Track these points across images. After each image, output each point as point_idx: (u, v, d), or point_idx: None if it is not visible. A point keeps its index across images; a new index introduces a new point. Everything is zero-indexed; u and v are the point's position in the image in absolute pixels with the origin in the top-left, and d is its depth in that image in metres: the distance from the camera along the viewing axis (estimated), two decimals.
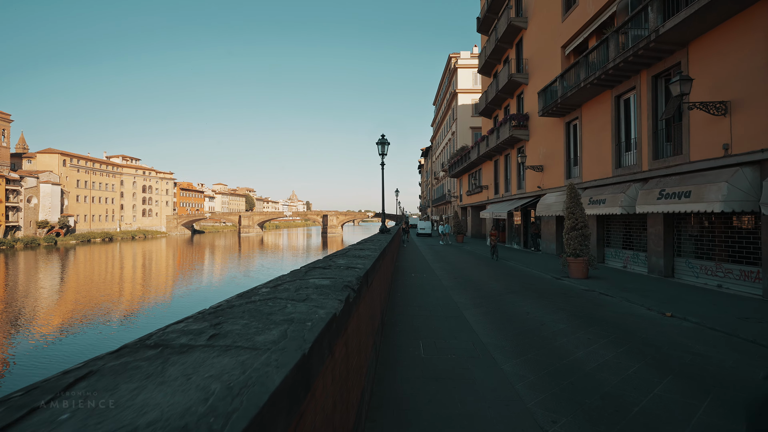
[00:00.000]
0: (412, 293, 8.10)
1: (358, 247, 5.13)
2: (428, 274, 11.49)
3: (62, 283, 27.49)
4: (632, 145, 12.22)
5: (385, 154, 11.61)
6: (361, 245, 5.47)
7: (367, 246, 5.92)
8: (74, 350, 12.56)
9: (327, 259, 4.09)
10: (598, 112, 13.87)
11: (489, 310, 7.12)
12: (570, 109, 15.66)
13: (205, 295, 22.62)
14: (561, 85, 14.95)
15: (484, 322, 6.23)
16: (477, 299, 8.12)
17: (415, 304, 7.38)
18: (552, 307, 7.44)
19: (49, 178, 72.51)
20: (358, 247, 5.56)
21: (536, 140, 20.01)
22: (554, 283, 10.67)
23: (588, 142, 14.72)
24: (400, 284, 9.35)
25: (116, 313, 18.10)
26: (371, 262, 3.66)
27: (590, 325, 6.12)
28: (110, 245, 67.77)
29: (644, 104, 11.25)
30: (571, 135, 16.49)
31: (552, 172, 18.10)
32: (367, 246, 5.90)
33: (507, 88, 22.87)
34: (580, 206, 11.22)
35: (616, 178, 12.62)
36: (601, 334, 5.68)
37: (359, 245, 5.51)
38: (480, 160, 29.43)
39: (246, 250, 56.23)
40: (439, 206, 57.31)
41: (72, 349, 12.76)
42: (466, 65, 43.35)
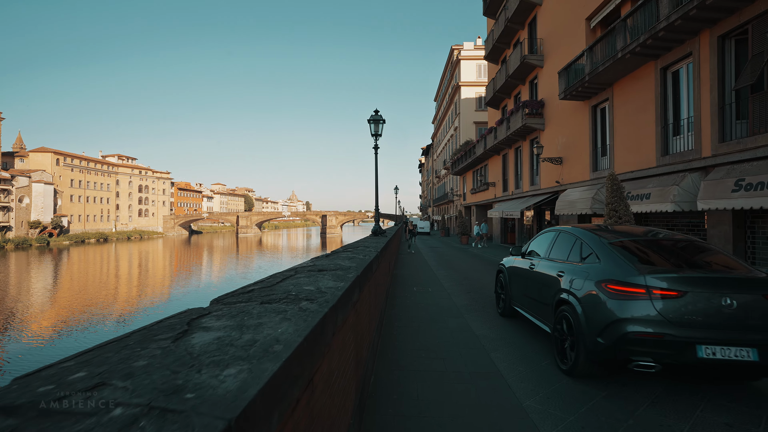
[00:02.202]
0: (414, 322, 5.76)
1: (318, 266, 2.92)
2: (434, 287, 9.25)
3: (53, 286, 26.45)
4: (685, 127, 9.96)
5: (379, 135, 9.40)
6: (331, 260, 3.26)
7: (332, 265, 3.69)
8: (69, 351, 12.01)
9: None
10: (636, 90, 11.61)
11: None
12: (598, 89, 13.39)
13: (201, 296, 21.86)
14: (589, 61, 12.69)
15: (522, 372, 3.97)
16: (502, 330, 5.89)
17: (419, 344, 4.71)
18: None
19: (42, 177, 70.70)
20: (315, 267, 3.39)
21: (554, 129, 17.76)
22: None
23: (622, 126, 12.46)
24: (399, 308, 7.06)
25: (108, 317, 17.41)
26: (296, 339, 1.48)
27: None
28: (105, 246, 66.18)
29: (705, 74, 8.98)
30: (599, 120, 14.23)
31: (574, 165, 15.84)
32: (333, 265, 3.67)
33: (518, 72, 20.61)
34: (625, 202, 8.97)
35: (663, 167, 10.36)
36: None
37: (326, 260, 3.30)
38: (487, 154, 27.18)
39: (242, 252, 54.30)
40: (441, 206, 55.09)
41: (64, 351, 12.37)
42: (470, 57, 41.13)
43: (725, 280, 3.46)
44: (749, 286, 3.42)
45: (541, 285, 4.85)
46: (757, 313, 3.29)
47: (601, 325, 3.56)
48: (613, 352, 3.48)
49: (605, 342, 3.50)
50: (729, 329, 3.27)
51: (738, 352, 3.21)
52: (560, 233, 5.04)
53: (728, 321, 3.28)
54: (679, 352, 3.28)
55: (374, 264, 3.66)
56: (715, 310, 3.29)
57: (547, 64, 18.46)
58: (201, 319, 1.27)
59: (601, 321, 3.57)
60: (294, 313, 1.40)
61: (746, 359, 3.18)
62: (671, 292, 3.35)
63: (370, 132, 9.45)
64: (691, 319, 3.29)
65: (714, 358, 3.21)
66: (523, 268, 5.50)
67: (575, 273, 4.17)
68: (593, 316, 3.67)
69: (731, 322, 3.28)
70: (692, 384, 3.74)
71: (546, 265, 4.86)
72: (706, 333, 3.25)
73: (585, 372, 3.80)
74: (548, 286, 4.60)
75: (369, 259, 3.42)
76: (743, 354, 3.20)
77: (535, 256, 5.33)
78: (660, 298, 3.37)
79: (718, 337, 3.24)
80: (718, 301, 3.30)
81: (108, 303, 20.72)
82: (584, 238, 4.42)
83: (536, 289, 4.99)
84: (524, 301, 5.44)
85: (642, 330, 3.34)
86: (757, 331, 3.25)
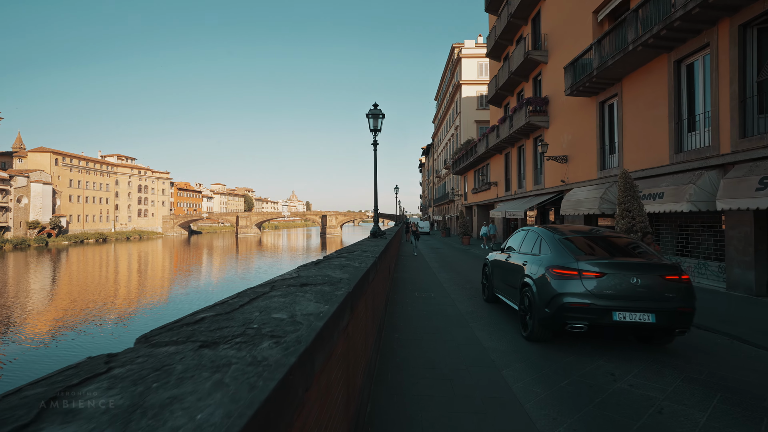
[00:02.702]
0: (417, 334, 5.20)
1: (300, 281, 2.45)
2: (437, 291, 8.75)
3: (49, 287, 26.20)
4: (701, 122, 9.45)
5: (378, 130, 8.86)
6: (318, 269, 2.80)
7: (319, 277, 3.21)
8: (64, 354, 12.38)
9: None
10: (647, 84, 11.11)
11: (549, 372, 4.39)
12: (606, 84, 12.89)
13: (198, 298, 21.81)
14: (597, 55, 12.18)
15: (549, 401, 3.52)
16: (514, 343, 5.40)
17: (423, 361, 4.17)
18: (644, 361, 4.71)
19: (41, 177, 70.34)
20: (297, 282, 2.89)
21: (559, 127, 17.25)
22: None
23: (631, 123, 11.96)
24: (399, 316, 6.51)
25: (107, 318, 17.24)
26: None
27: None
28: (104, 246, 65.89)
29: (724, 66, 8.48)
30: (606, 117, 13.72)
31: (580, 163, 15.34)
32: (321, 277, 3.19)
33: (522, 69, 20.10)
34: (639, 201, 8.47)
35: (676, 165, 9.86)
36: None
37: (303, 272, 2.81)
38: (488, 153, 26.68)
39: (241, 252, 53.83)
40: (442, 206, 54.55)
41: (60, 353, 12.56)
42: (471, 55, 40.63)
43: (634, 265, 4.66)
44: (651, 270, 4.61)
45: (513, 273, 6.04)
46: (656, 288, 4.52)
47: (548, 299, 4.78)
48: (555, 318, 4.70)
49: (550, 311, 4.73)
50: (635, 300, 4.48)
51: (641, 316, 4.44)
52: (529, 232, 6.21)
53: (635, 294, 4.49)
54: (600, 316, 4.50)
55: (371, 273, 3.17)
56: (626, 287, 4.51)
57: (551, 60, 17.95)
58: (77, 390, 0.78)
59: (548, 295, 4.80)
60: (239, 371, 0.91)
61: (647, 321, 4.43)
62: (595, 274, 4.60)
63: (369, 127, 8.93)
64: (609, 293, 4.52)
65: (625, 321, 4.45)
66: (502, 260, 6.73)
67: (534, 262, 5.40)
68: (543, 292, 4.91)
69: (637, 295, 4.49)
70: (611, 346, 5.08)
71: (517, 257, 6.05)
72: (619, 302, 4.48)
73: (539, 337, 5.04)
74: (517, 273, 5.80)
75: (365, 268, 2.94)
76: (645, 317, 4.43)
77: (512, 251, 6.47)
78: (587, 278, 4.61)
79: (627, 305, 4.46)
80: (628, 280, 4.52)
81: (105, 306, 20.39)
82: (543, 235, 5.64)
83: (510, 277, 6.18)
84: (502, 287, 6.69)
85: (575, 301, 4.57)
86: (656, 302, 4.47)
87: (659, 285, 4.54)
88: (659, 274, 4.59)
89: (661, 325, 4.47)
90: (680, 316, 4.50)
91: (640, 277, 4.53)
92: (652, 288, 4.53)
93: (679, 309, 4.49)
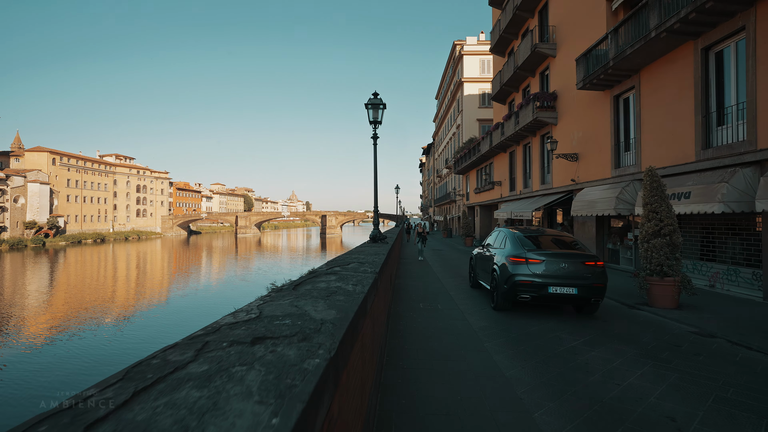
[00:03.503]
0: (425, 362, 4.28)
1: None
2: (444, 302, 7.92)
3: (45, 288, 25.88)
4: (733, 115, 8.61)
5: (378, 122, 7.99)
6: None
7: (288, 322, 2.39)
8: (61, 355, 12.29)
9: None
10: (670, 75, 10.28)
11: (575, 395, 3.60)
12: (622, 77, 12.05)
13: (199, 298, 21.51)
14: (614, 44, 11.34)
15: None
16: (538, 366, 4.59)
17: (435, 405, 3.28)
18: (680, 383, 3.90)
19: (38, 177, 69.64)
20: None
21: (568, 123, 16.42)
22: (631, 315, 7.11)
23: (651, 117, 11.12)
24: (403, 336, 5.61)
25: (101, 323, 16.81)
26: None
27: None
28: (102, 247, 65.26)
29: (763, 51, 7.64)
30: (621, 111, 12.88)
31: (592, 161, 14.50)
32: (291, 322, 2.37)
33: (528, 63, 19.26)
34: (667, 202, 7.64)
35: (704, 162, 9.02)
36: None
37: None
38: (492, 152, 25.83)
39: (240, 252, 53.07)
40: (443, 206, 53.69)
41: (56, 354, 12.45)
42: (473, 52, 39.79)
43: (563, 254, 6.65)
44: (575, 258, 6.58)
45: (487, 262, 7.98)
46: (578, 271, 6.47)
47: (506, 278, 6.75)
48: (510, 291, 6.67)
49: (507, 286, 6.70)
50: (563, 278, 6.43)
51: (567, 289, 6.40)
52: (500, 232, 8.18)
53: (563, 274, 6.46)
54: (539, 289, 6.46)
55: (370, 298, 2.36)
56: (557, 269, 6.48)
57: (560, 53, 17.12)
58: None
59: (506, 276, 6.76)
60: None
61: (572, 293, 6.40)
62: (536, 260, 6.54)
63: (368, 119, 8.07)
64: (546, 273, 6.48)
65: (556, 293, 6.42)
66: (481, 253, 8.76)
67: (500, 253, 7.34)
68: (503, 274, 6.86)
69: (565, 275, 6.45)
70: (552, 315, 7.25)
71: (491, 250, 8.01)
72: (552, 280, 6.44)
73: (502, 306, 7.06)
74: (489, 262, 7.79)
75: (362, 295, 2.12)
76: (570, 290, 6.40)
77: (488, 246, 8.38)
78: (532, 263, 6.56)
79: (558, 282, 6.43)
80: (559, 265, 6.49)
81: (101, 308, 19.89)
82: (507, 234, 7.61)
83: (485, 265, 8.15)
84: (481, 274, 8.65)
85: (523, 279, 6.52)
86: (577, 279, 6.42)
87: (580, 268, 6.56)
88: (581, 261, 6.63)
89: (581, 296, 6.49)
90: (595, 289, 6.52)
91: (567, 263, 6.57)
92: (575, 270, 6.54)
93: (594, 284, 6.51)
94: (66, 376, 10.77)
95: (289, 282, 2.45)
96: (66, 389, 9.83)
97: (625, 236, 13.69)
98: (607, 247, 14.55)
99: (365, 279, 2.74)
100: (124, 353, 12.40)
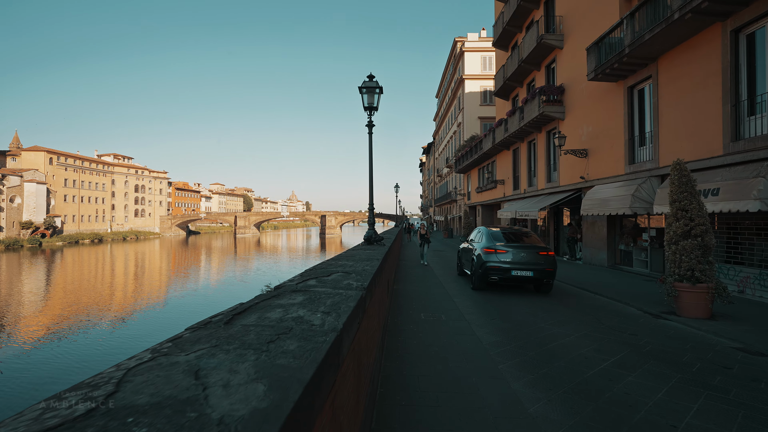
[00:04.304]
0: (429, 393, 3.48)
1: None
2: (448, 311, 7.08)
3: (42, 289, 25.43)
4: (766, 104, 7.79)
5: (374, 108, 7.11)
6: None
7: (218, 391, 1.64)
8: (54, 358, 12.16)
9: None
10: (693, 62, 9.45)
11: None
12: (638, 65, 11.23)
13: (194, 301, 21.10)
14: (629, 30, 10.52)
15: None
16: (568, 400, 3.78)
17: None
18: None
19: (34, 176, 68.87)
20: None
21: (576, 117, 15.59)
22: (659, 327, 6.29)
23: (670, 109, 10.30)
24: (401, 358, 4.77)
25: (98, 323, 16.55)
26: None
27: None
28: (99, 247, 64.55)
29: None
30: (636, 103, 12.06)
31: (603, 157, 13.67)
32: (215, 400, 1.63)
33: (533, 56, 18.44)
34: (698, 198, 6.81)
35: (734, 156, 8.19)
36: None
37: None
38: (495, 149, 25.01)
39: (240, 253, 52.30)
40: (443, 205, 52.81)
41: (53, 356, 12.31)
42: (474, 48, 38.93)
43: (523, 246, 8.79)
44: (532, 249, 8.72)
45: (469, 253, 10.17)
46: (534, 258, 8.58)
47: (480, 264, 8.85)
48: (483, 274, 8.78)
49: (481, 271, 8.80)
50: (523, 264, 8.55)
51: (526, 272, 8.50)
52: (479, 229, 10.17)
53: (523, 261, 8.57)
54: (505, 272, 8.56)
55: (346, 339, 1.54)
56: (519, 257, 8.60)
57: (567, 44, 16.29)
58: None
59: (480, 262, 8.85)
60: None
61: (529, 275, 8.50)
62: (503, 251, 8.65)
63: (363, 104, 7.22)
64: (509, 260, 8.57)
65: (518, 275, 8.51)
66: (465, 247, 10.87)
67: (477, 246, 9.39)
68: (479, 261, 8.95)
69: (524, 262, 8.57)
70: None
71: (472, 244, 10.02)
72: (514, 265, 8.52)
73: (479, 287, 9.11)
74: (470, 253, 9.93)
75: (330, 337, 1.31)
76: (528, 273, 8.49)
77: (471, 241, 10.30)
78: (499, 253, 8.67)
79: (519, 266, 8.52)
80: (520, 254, 8.61)
81: (96, 310, 19.34)
82: (483, 231, 9.77)
83: (467, 256, 10.33)
84: (465, 264, 10.70)
85: (492, 264, 8.63)
86: (533, 265, 8.52)
87: (536, 257, 8.59)
88: (536, 251, 8.64)
89: (536, 277, 8.53)
90: (547, 273, 8.54)
91: (526, 253, 8.62)
92: (532, 258, 8.57)
93: (546, 269, 8.50)
94: (58, 374, 10.80)
95: (229, 310, 1.64)
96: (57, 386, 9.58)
97: (639, 237, 12.87)
98: (618, 248, 13.72)
99: (346, 301, 1.92)
100: (114, 354, 12.42)
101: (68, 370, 11.09)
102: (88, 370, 10.83)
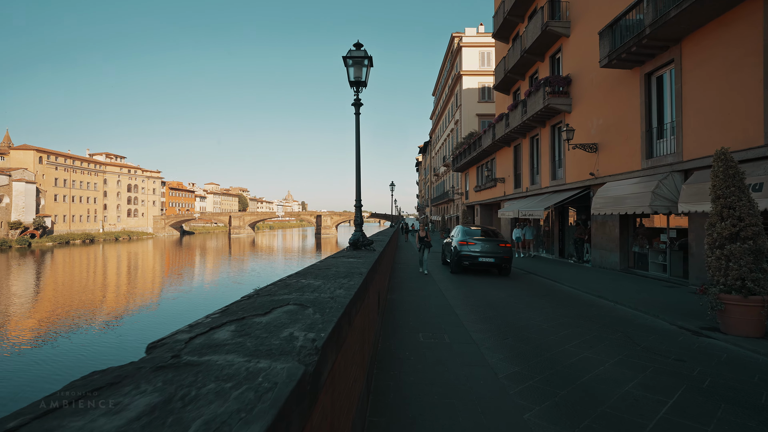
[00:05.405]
0: None
1: None
2: (451, 330, 5.96)
3: (31, 289, 24.96)
4: None
5: (363, 83, 5.88)
6: None
7: None
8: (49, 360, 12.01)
9: None
10: (724, 42, 8.39)
11: None
12: (658, 49, 10.16)
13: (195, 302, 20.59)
14: (651, 9, 9.44)
15: None
16: None
17: None
18: None
19: (23, 176, 67.23)
20: None
21: (585, 109, 14.52)
22: (704, 347, 5.21)
23: (696, 95, 9.24)
24: (391, 402, 3.76)
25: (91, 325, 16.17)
26: None
27: None
28: (90, 247, 63.20)
29: None
30: (654, 91, 10.99)
31: (616, 152, 12.61)
32: None
33: (537, 45, 17.36)
34: (747, 194, 5.73)
35: None
36: None
37: None
38: (495, 146, 23.94)
39: (234, 253, 51.08)
40: (440, 205, 51.72)
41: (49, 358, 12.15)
42: (472, 44, 37.88)
43: (488, 240, 12.34)
44: (494, 242, 12.27)
45: (449, 246, 13.49)
46: (495, 248, 12.07)
47: (456, 253, 12.27)
48: (459, 260, 12.22)
49: (457, 258, 12.24)
50: (487, 253, 12.04)
51: (489, 259, 12.03)
52: (458, 227, 13.58)
53: (487, 250, 12.06)
54: (474, 259, 12.10)
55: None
56: (485, 248, 12.09)
57: (575, 31, 15.22)
58: None
59: (457, 252, 12.27)
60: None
61: (492, 261, 12.04)
62: (472, 243, 12.19)
63: (348, 78, 5.98)
64: (478, 250, 12.09)
65: (484, 261, 12.06)
66: (447, 241, 14.33)
67: (455, 240, 12.76)
68: (455, 251, 12.37)
69: (488, 251, 12.06)
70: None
71: (451, 239, 13.37)
72: (481, 254, 12.05)
73: (455, 270, 12.52)
74: (450, 245, 13.20)
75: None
76: (491, 260, 12.02)
77: (452, 237, 13.47)
78: (470, 245, 12.18)
79: (484, 255, 12.04)
80: (486, 245, 12.13)
81: (86, 312, 18.67)
82: (460, 228, 13.28)
83: (448, 248, 13.71)
84: (447, 254, 13.99)
85: (465, 253, 12.12)
86: (495, 253, 12.02)
87: (497, 248, 12.00)
88: (497, 243, 12.11)
89: (497, 263, 11.95)
90: (505, 260, 11.94)
91: (489, 245, 12.08)
92: (494, 248, 11.99)
93: (504, 257, 11.91)
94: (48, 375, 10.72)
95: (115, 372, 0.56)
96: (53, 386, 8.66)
97: (656, 238, 11.81)
98: (632, 250, 12.66)
99: (303, 356, 0.80)
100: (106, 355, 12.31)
101: (59, 371, 10.98)
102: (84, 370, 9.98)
